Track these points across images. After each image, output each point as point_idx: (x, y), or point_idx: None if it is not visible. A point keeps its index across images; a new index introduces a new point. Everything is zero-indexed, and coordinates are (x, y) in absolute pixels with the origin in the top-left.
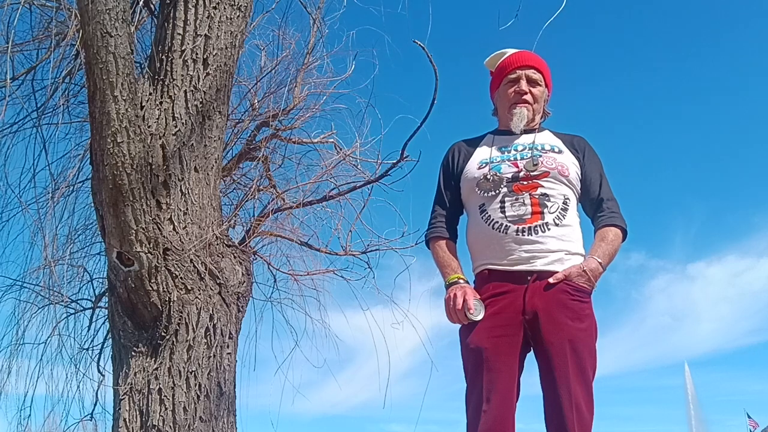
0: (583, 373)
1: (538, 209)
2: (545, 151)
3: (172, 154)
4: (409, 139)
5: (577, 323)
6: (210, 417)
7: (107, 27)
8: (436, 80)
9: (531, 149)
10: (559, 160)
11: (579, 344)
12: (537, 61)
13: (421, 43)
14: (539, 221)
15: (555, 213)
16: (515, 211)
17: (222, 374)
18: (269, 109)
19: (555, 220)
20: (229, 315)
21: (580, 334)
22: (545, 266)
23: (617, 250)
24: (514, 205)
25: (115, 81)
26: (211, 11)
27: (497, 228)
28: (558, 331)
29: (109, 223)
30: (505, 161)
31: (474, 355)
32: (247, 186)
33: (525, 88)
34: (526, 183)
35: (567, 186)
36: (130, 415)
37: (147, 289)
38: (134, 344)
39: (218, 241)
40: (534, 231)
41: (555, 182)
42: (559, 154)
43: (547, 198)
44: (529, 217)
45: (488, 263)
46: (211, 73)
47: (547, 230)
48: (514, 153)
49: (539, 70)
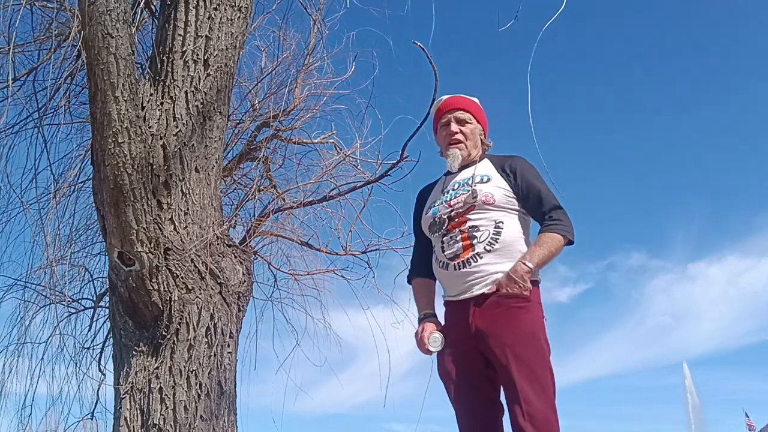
0: (532, 371)
1: (468, 242)
2: (474, 183)
3: (172, 155)
4: (409, 139)
5: (515, 330)
6: (211, 416)
7: (108, 28)
8: (435, 81)
9: (464, 185)
10: (485, 190)
11: (520, 348)
12: (463, 102)
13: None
14: (471, 253)
15: (485, 241)
16: (450, 249)
17: (223, 373)
18: (270, 110)
19: (486, 248)
20: (229, 314)
21: (520, 340)
22: (481, 290)
23: (552, 251)
24: (449, 243)
25: (116, 82)
26: (212, 12)
27: (442, 266)
28: (498, 344)
29: (110, 223)
30: (442, 203)
31: (445, 384)
32: (248, 186)
33: (455, 128)
34: (456, 220)
35: (496, 210)
36: (131, 414)
37: (148, 289)
38: (135, 343)
39: (219, 241)
40: (467, 263)
41: (482, 212)
42: (486, 184)
43: (476, 229)
44: (461, 252)
45: (446, 296)
46: (211, 73)
47: (480, 259)
48: (450, 193)
49: (466, 110)
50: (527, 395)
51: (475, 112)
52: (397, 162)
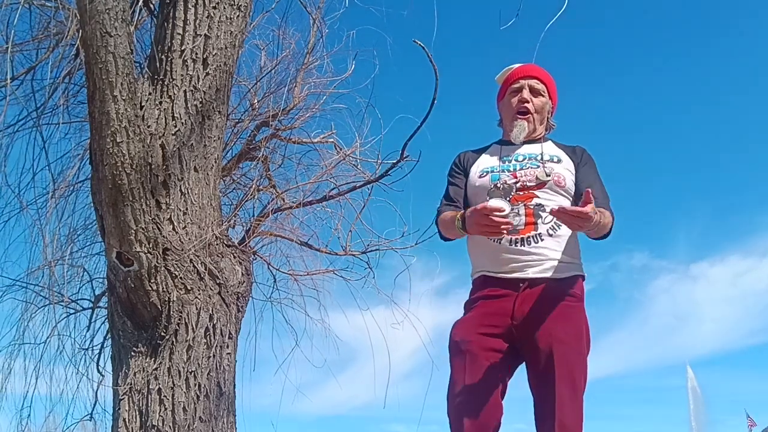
0: (572, 375)
1: (531, 220)
2: (544, 161)
3: (171, 154)
4: (409, 139)
5: (566, 327)
6: (209, 417)
7: (107, 27)
8: (436, 80)
9: (531, 159)
10: (557, 170)
11: (566, 347)
12: (541, 73)
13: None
14: (532, 232)
15: (549, 224)
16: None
17: (222, 374)
18: (269, 109)
19: (549, 231)
20: (228, 315)
21: (568, 338)
22: (537, 274)
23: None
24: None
25: (114, 81)
26: (211, 11)
27: (494, 239)
28: (545, 334)
29: (108, 223)
30: (504, 171)
31: (459, 346)
32: (247, 186)
33: (527, 96)
34: (522, 193)
35: (563, 196)
36: (129, 415)
37: (146, 289)
38: (134, 344)
39: (218, 241)
40: (527, 242)
41: (551, 193)
42: (557, 164)
43: (542, 208)
44: (522, 227)
45: (485, 270)
46: (210, 72)
47: (540, 241)
48: (514, 163)
49: (543, 81)
50: (563, 399)
51: (551, 86)
52: (397, 162)
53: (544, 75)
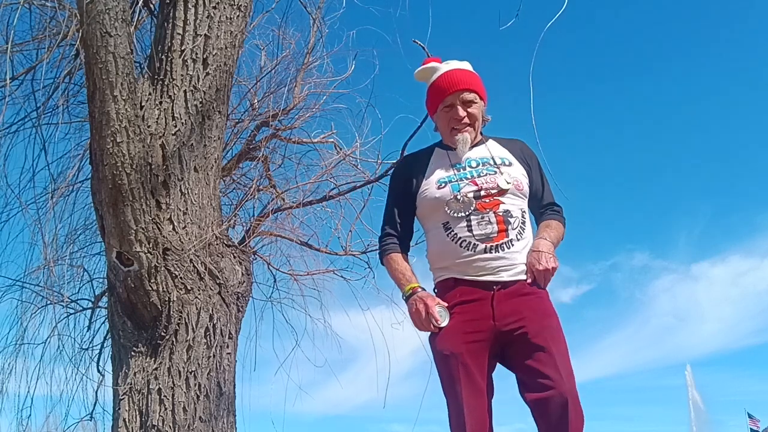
0: (564, 353)
1: (503, 227)
2: (498, 165)
3: (171, 154)
4: (409, 139)
5: (545, 314)
6: (210, 417)
7: (107, 27)
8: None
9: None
10: (514, 175)
11: (552, 331)
12: (468, 82)
13: (420, 43)
14: (505, 239)
15: (517, 229)
16: (482, 229)
17: (222, 374)
18: (269, 109)
19: (517, 236)
20: (228, 315)
21: (551, 322)
22: (510, 277)
23: (561, 236)
24: (480, 223)
25: (114, 81)
26: (211, 11)
27: (465, 246)
28: (530, 318)
29: (108, 223)
30: (462, 180)
31: (450, 360)
32: (247, 186)
33: (461, 114)
34: (488, 201)
35: (522, 199)
36: (129, 415)
37: (147, 289)
38: (134, 344)
39: (218, 241)
40: (501, 248)
41: (513, 198)
42: (510, 167)
43: (510, 215)
44: (495, 235)
45: (456, 275)
46: (210, 72)
47: (512, 246)
48: (470, 170)
49: (472, 89)
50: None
51: (480, 89)
52: (397, 161)
53: (472, 82)
